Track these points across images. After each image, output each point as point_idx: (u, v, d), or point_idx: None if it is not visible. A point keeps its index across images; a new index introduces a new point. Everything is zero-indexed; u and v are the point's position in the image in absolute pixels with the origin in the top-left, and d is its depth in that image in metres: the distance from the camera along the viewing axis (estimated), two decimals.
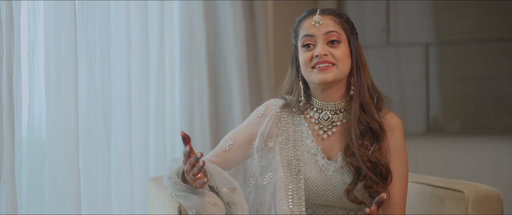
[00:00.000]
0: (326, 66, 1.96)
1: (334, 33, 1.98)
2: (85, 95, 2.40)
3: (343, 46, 1.99)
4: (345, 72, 2.00)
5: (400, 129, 2.04)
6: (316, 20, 1.99)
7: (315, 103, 2.05)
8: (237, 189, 1.90)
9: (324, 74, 1.97)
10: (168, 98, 2.94)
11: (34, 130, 2.25)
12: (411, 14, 3.57)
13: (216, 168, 1.89)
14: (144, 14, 2.72)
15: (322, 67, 1.96)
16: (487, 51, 3.44)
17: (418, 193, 2.25)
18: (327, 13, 2.01)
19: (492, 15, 3.43)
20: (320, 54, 1.96)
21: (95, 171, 2.42)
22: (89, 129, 2.41)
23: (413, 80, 3.56)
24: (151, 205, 2.29)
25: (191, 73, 3.02)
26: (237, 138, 2.04)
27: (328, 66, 1.96)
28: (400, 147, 2.03)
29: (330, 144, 2.03)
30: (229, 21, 3.15)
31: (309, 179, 2.01)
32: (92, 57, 2.42)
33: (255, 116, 2.08)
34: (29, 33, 2.20)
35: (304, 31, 2.00)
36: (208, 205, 1.81)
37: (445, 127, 3.54)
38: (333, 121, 2.04)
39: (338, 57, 1.97)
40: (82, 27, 2.37)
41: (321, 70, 1.97)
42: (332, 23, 1.99)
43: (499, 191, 2.08)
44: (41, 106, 2.27)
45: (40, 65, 2.25)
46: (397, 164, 2.01)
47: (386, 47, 3.61)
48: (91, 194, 2.41)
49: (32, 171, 2.23)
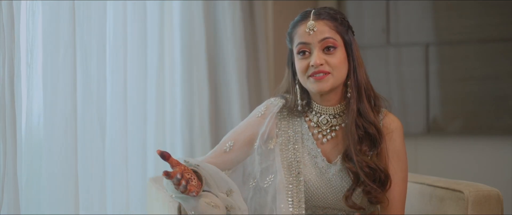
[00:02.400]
0: (322, 76, 1.94)
1: (330, 40, 1.94)
2: (83, 96, 2.40)
3: (339, 52, 1.96)
4: (342, 78, 1.98)
5: (400, 131, 2.02)
6: (310, 27, 1.95)
7: (314, 107, 2.04)
8: (233, 191, 1.89)
9: (321, 84, 1.94)
10: (168, 98, 2.94)
11: (32, 130, 2.25)
12: (411, 14, 3.57)
13: (213, 169, 1.88)
14: (143, 14, 2.72)
15: (318, 76, 1.94)
16: (487, 51, 3.44)
17: (418, 193, 2.25)
18: (321, 18, 1.95)
19: (492, 15, 3.43)
20: (316, 64, 1.93)
21: (92, 171, 2.42)
22: (87, 129, 2.41)
23: (413, 80, 3.56)
24: (151, 205, 2.29)
25: (191, 73, 3.02)
26: (237, 138, 2.02)
27: (324, 76, 1.94)
28: (399, 150, 2.02)
29: (330, 147, 2.02)
30: (229, 21, 3.15)
31: (309, 181, 2.00)
32: (89, 57, 2.42)
33: (255, 116, 2.06)
34: (28, 34, 2.20)
35: (299, 39, 1.97)
36: (208, 207, 1.80)
37: (445, 127, 3.54)
38: (332, 125, 2.03)
39: (334, 64, 1.94)
40: (81, 27, 2.37)
41: (317, 80, 1.94)
42: (326, 29, 1.95)
43: (499, 191, 2.08)
44: (39, 106, 2.27)
45: (38, 65, 2.25)
46: (396, 167, 2.00)
47: (386, 47, 3.61)
48: (89, 194, 2.41)
49: (31, 171, 2.23)
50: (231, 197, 1.88)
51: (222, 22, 3.15)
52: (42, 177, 2.26)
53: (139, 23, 2.70)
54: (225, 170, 2.00)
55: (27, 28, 2.20)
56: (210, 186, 1.87)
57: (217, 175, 1.87)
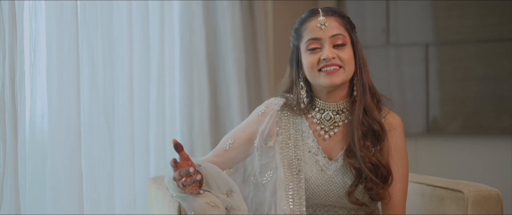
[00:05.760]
0: (334, 69, 1.95)
1: (340, 36, 1.97)
2: (87, 95, 2.41)
3: (348, 48, 1.98)
4: (351, 74, 2.00)
5: (401, 129, 2.05)
6: (321, 22, 1.97)
7: (318, 104, 2.05)
8: (234, 191, 1.89)
9: (332, 77, 1.96)
10: (168, 98, 2.94)
11: (36, 130, 2.25)
12: (411, 14, 3.57)
13: (214, 168, 1.88)
14: (144, 14, 2.72)
15: (329, 70, 1.95)
16: (487, 51, 3.44)
17: (418, 193, 2.25)
18: (330, 14, 1.98)
19: (492, 15, 3.43)
20: (329, 57, 1.94)
21: (97, 171, 2.43)
22: (91, 129, 2.42)
23: (413, 80, 3.56)
24: (151, 205, 2.29)
25: (191, 73, 3.02)
26: (237, 137, 2.03)
27: (336, 70, 1.95)
28: (401, 147, 2.03)
29: (332, 144, 2.03)
30: (228, 21, 3.15)
31: (310, 178, 2.00)
32: (94, 56, 2.42)
33: (256, 115, 2.07)
34: (31, 33, 2.20)
35: (309, 35, 1.98)
36: (208, 207, 1.81)
37: (445, 127, 3.54)
38: (335, 121, 2.04)
39: (345, 59, 1.96)
40: (84, 26, 2.38)
41: (329, 74, 1.95)
42: (337, 25, 1.97)
43: (499, 191, 2.08)
44: (43, 106, 2.27)
45: (42, 65, 2.26)
46: (398, 164, 2.01)
47: (386, 47, 3.61)
48: (93, 194, 2.41)
49: (35, 171, 2.24)
50: (231, 198, 1.88)
51: (222, 22, 3.15)
52: (46, 177, 2.26)
53: (141, 23, 2.70)
54: (226, 169, 2.01)
55: (30, 28, 2.20)
56: (211, 186, 1.87)
57: (218, 175, 1.88)
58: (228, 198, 1.88)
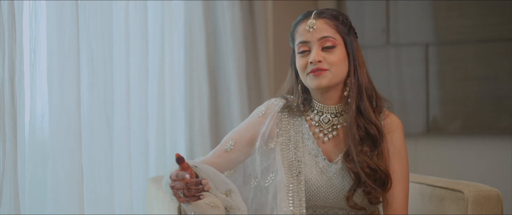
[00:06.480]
0: (320, 72, 1.95)
1: (329, 39, 1.96)
2: (87, 95, 2.40)
3: (339, 50, 1.97)
4: (341, 76, 1.99)
5: (400, 130, 2.04)
6: (310, 24, 1.97)
7: (316, 106, 2.05)
8: (232, 191, 1.88)
9: (318, 79, 1.96)
10: (168, 98, 2.94)
11: (36, 131, 2.25)
12: (411, 14, 3.57)
13: (212, 170, 1.87)
14: (144, 15, 2.72)
15: (316, 72, 1.96)
16: (487, 51, 3.44)
17: (418, 193, 2.25)
18: (322, 16, 1.98)
19: (492, 15, 3.43)
20: (314, 60, 1.95)
21: (97, 171, 2.42)
22: (91, 129, 2.42)
23: (413, 80, 3.56)
24: (151, 205, 2.29)
25: (191, 73, 3.02)
26: (238, 138, 2.03)
27: (321, 72, 1.96)
28: (400, 149, 2.02)
29: (331, 146, 2.03)
30: (228, 21, 3.15)
31: (310, 180, 2.00)
32: (94, 57, 2.42)
33: (256, 116, 2.07)
34: (31, 33, 2.20)
35: (299, 38, 1.99)
36: (208, 207, 1.80)
37: (445, 127, 3.54)
38: (334, 124, 2.03)
39: (333, 62, 1.96)
40: (84, 27, 2.37)
41: (315, 76, 1.96)
42: (326, 27, 1.97)
43: (499, 191, 2.08)
44: (43, 106, 2.27)
45: (42, 65, 2.26)
46: (397, 166, 2.00)
47: (386, 47, 3.61)
48: (93, 194, 2.41)
49: (35, 171, 2.24)
50: (231, 198, 1.88)
51: (222, 22, 3.15)
52: (46, 177, 2.26)
53: (141, 23, 2.70)
54: (227, 170, 2.00)
55: (30, 28, 2.20)
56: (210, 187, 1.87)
57: (216, 176, 1.87)
58: (228, 198, 1.87)
